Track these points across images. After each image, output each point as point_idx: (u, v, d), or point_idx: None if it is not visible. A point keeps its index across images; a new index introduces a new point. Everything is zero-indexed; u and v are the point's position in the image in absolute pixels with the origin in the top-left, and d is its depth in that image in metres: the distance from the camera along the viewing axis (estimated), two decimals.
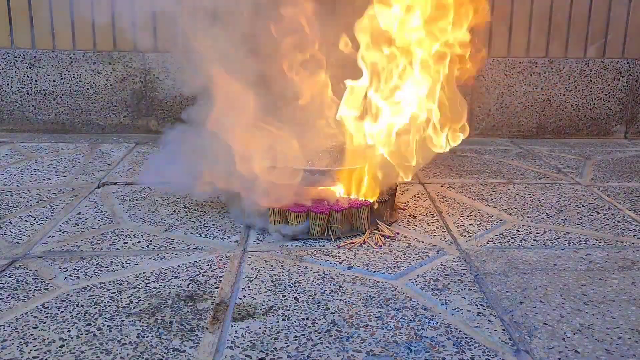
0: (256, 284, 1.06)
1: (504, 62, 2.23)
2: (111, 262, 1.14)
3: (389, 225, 1.33)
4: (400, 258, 1.18)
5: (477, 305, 1.00)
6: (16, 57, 2.16)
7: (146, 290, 1.03)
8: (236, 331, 0.91)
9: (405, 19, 1.24)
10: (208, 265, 1.13)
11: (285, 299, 1.01)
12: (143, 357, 0.84)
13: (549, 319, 0.96)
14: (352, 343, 0.88)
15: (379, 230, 1.29)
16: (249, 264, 1.14)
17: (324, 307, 0.98)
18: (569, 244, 1.27)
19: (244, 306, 0.98)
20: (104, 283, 1.05)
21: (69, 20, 2.14)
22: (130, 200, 1.49)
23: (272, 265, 1.14)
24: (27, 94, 2.19)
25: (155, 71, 2.18)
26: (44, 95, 2.19)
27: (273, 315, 0.95)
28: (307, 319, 0.95)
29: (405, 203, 1.50)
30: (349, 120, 1.31)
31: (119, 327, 0.91)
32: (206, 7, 1.30)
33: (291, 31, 1.32)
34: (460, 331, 0.92)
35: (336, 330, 0.92)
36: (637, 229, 1.36)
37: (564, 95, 2.28)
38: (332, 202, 1.28)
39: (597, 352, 0.87)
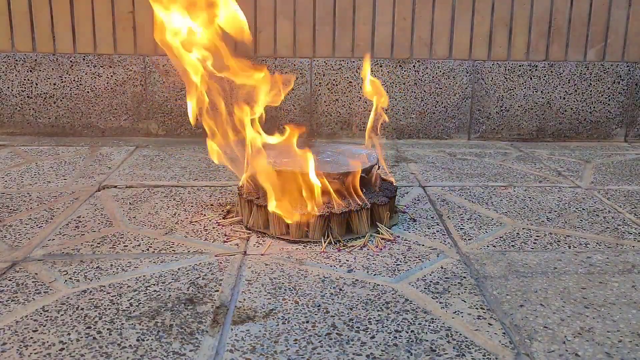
0: (256, 287, 1.06)
1: (504, 65, 2.23)
2: (111, 265, 1.14)
3: (389, 228, 1.33)
4: (400, 261, 1.18)
5: (477, 309, 0.99)
6: (17, 60, 2.16)
7: (146, 293, 1.03)
8: (236, 334, 0.91)
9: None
10: (208, 268, 1.13)
11: (285, 302, 1.01)
12: None
13: (549, 322, 0.96)
14: (353, 346, 0.88)
15: (379, 234, 1.29)
16: (249, 267, 1.14)
17: (324, 310, 0.98)
18: (569, 247, 1.27)
19: (244, 309, 0.98)
20: (104, 286, 1.05)
21: (70, 23, 2.14)
22: (130, 203, 1.49)
23: (272, 269, 1.14)
24: (28, 97, 2.19)
25: (156, 74, 2.19)
26: (45, 98, 2.20)
27: (273, 319, 0.95)
28: (307, 322, 0.95)
29: (405, 206, 1.50)
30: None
31: (119, 331, 0.91)
32: None
33: None
34: (460, 334, 0.92)
35: (336, 333, 0.91)
36: (638, 232, 1.36)
37: (564, 98, 2.28)
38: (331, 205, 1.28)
39: (597, 355, 0.87)
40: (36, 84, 2.18)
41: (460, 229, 1.36)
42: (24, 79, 2.18)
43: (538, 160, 1.99)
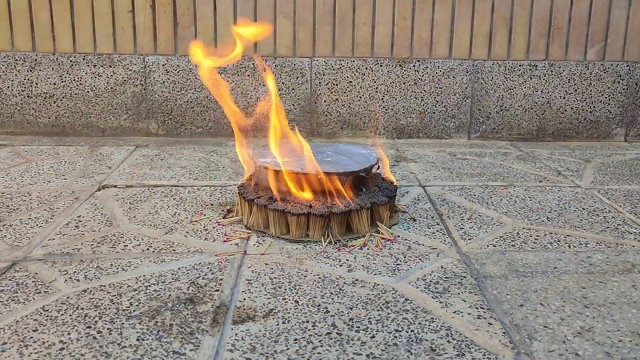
0: (256, 287, 1.06)
1: (504, 65, 2.23)
2: (111, 264, 1.14)
3: (389, 228, 1.33)
4: (400, 261, 1.18)
5: (477, 308, 1.00)
6: (17, 60, 2.16)
7: (146, 293, 1.03)
8: (236, 334, 0.91)
9: None
10: (208, 268, 1.13)
11: (285, 302, 1.01)
12: None
13: (549, 321, 0.96)
14: (353, 346, 0.88)
15: (379, 233, 1.29)
16: (249, 267, 1.14)
17: (324, 310, 0.98)
18: (569, 246, 1.27)
19: (244, 309, 0.98)
20: (104, 286, 1.05)
21: (70, 23, 2.14)
22: (130, 203, 1.49)
23: (272, 268, 1.14)
24: (28, 97, 2.19)
25: (156, 74, 2.19)
26: (45, 98, 2.20)
27: (273, 318, 0.95)
28: (307, 321, 0.95)
29: (405, 205, 1.50)
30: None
31: (119, 330, 0.91)
32: None
33: None
34: (460, 334, 0.92)
35: (336, 333, 0.91)
36: (638, 232, 1.36)
37: (564, 98, 2.28)
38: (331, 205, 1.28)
39: (597, 355, 0.87)
40: (36, 84, 2.18)
41: (460, 228, 1.36)
42: (24, 79, 2.18)
43: (538, 160, 1.99)
